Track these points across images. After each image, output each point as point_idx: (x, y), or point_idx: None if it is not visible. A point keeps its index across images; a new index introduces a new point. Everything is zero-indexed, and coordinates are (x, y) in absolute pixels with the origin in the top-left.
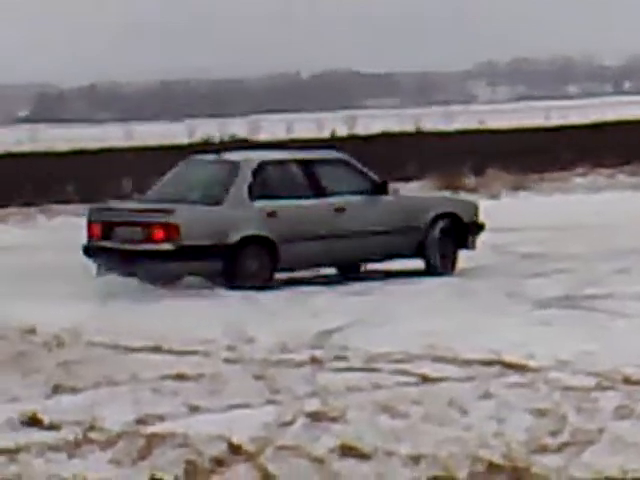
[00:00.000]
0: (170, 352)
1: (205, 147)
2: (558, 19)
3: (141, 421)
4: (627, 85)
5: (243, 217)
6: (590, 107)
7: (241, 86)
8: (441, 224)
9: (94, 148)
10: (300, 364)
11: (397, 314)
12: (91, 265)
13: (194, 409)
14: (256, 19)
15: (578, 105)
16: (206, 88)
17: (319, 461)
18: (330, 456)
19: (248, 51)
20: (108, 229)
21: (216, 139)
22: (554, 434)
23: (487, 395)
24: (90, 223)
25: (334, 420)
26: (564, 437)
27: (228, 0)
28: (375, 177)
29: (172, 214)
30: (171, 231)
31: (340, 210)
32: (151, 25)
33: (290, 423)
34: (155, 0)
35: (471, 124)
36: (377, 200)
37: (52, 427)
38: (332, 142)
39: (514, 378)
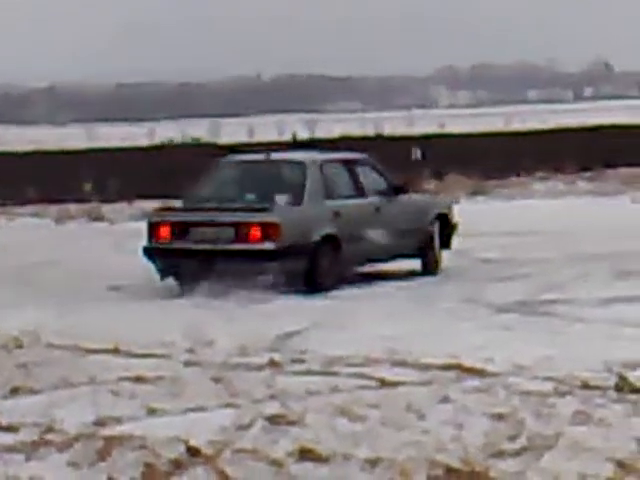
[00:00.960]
0: (129, 354)
1: (173, 149)
2: (520, 25)
3: (99, 423)
4: (587, 91)
5: (320, 216)
6: (550, 113)
7: (202, 89)
8: (437, 224)
9: (55, 149)
10: (259, 367)
11: (356, 318)
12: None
13: (152, 411)
14: (218, 22)
15: (538, 111)
16: (168, 91)
17: (277, 464)
18: (288, 459)
19: (209, 53)
20: (181, 230)
21: (177, 141)
22: (512, 439)
23: (445, 399)
24: (155, 224)
25: (292, 423)
26: (522, 442)
27: (193, 1)
28: (392, 178)
29: (270, 213)
30: (270, 230)
31: (377, 210)
32: (114, 26)
33: (249, 426)
34: (115, 5)
35: (431, 128)
36: (397, 200)
37: (10, 428)
38: (293, 145)
39: (472, 383)
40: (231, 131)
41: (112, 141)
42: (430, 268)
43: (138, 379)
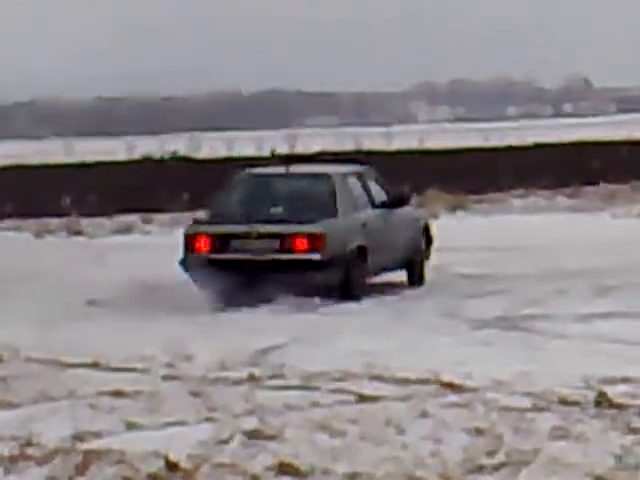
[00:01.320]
0: (108, 369)
1: (153, 164)
2: (498, 41)
3: (78, 437)
4: (566, 107)
5: (352, 227)
6: (529, 129)
7: (182, 104)
8: (424, 236)
9: (33, 163)
10: (238, 382)
11: (335, 332)
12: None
13: (131, 426)
14: (197, 35)
15: (517, 127)
16: (148, 105)
17: (256, 479)
18: (267, 474)
19: (189, 68)
20: (221, 241)
21: (156, 156)
22: (490, 454)
23: (424, 414)
24: (193, 235)
25: (271, 438)
26: (500, 457)
27: (171, 13)
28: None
29: (316, 224)
30: (316, 241)
31: (386, 221)
32: (90, 42)
33: (227, 441)
34: (94, 17)
35: (410, 144)
36: (396, 212)
37: None
38: (272, 160)
39: (451, 398)
40: (210, 146)
41: (90, 155)
42: (417, 279)
43: (117, 393)
